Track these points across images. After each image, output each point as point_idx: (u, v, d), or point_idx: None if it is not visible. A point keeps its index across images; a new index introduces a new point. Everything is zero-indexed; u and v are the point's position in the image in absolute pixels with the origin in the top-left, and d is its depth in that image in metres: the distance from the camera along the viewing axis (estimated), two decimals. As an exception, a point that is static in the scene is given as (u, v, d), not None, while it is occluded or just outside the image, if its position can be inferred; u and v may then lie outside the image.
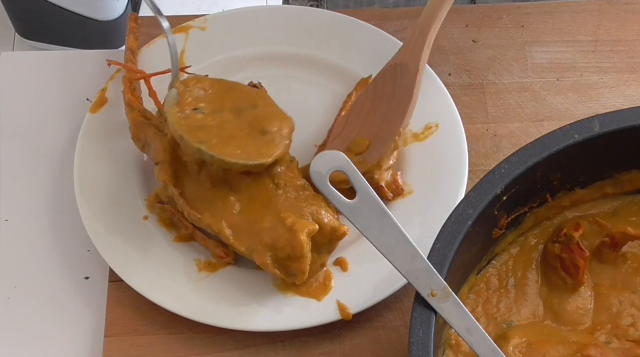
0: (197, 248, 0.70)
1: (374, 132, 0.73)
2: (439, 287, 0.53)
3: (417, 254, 0.54)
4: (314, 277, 0.68)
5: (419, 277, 0.53)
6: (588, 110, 0.80)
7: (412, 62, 0.74)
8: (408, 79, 0.73)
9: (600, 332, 0.60)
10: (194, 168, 0.68)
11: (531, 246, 0.64)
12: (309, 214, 0.65)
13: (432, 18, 0.74)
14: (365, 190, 0.55)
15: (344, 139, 0.74)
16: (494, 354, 0.53)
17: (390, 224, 0.55)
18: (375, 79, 0.76)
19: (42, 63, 0.84)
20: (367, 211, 0.55)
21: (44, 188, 0.76)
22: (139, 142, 0.72)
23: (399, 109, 0.72)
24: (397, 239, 0.54)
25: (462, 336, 0.53)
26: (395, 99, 0.73)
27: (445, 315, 0.53)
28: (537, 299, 0.62)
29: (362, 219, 0.55)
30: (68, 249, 0.74)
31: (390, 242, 0.54)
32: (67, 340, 0.70)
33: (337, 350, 0.68)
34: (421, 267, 0.53)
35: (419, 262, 0.54)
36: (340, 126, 0.75)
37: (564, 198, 0.64)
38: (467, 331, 0.53)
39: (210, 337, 0.68)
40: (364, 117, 0.74)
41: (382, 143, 0.72)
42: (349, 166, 0.55)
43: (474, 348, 0.53)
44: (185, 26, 0.80)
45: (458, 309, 0.53)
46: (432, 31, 0.74)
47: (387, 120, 0.73)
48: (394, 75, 0.75)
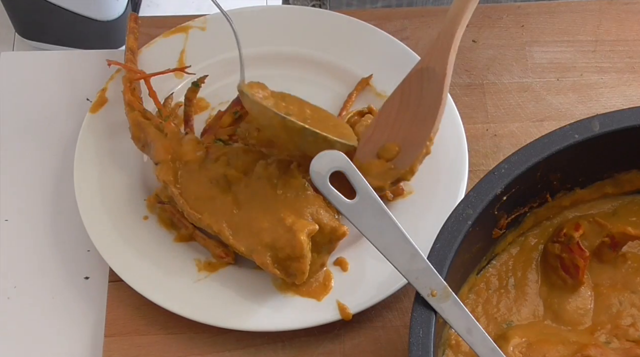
0: (197, 248, 0.70)
1: (402, 137, 0.72)
2: (439, 287, 0.53)
3: (417, 254, 0.54)
4: (314, 277, 0.68)
5: (419, 277, 0.53)
6: (588, 110, 0.80)
7: (438, 66, 0.72)
8: (435, 84, 0.72)
9: (600, 332, 0.60)
10: (194, 168, 0.68)
11: (531, 246, 0.64)
12: (309, 214, 0.65)
13: (458, 20, 0.73)
14: (365, 190, 0.55)
15: (374, 146, 0.73)
16: (493, 354, 0.53)
17: (390, 224, 0.55)
18: (402, 85, 0.74)
19: (42, 63, 0.84)
20: (367, 211, 0.55)
21: (44, 188, 0.76)
22: (139, 142, 0.72)
23: (428, 114, 0.71)
24: (397, 239, 0.54)
25: (462, 336, 0.53)
26: (423, 104, 0.72)
27: (445, 315, 0.53)
28: (537, 299, 0.62)
29: (362, 219, 0.55)
30: (68, 249, 0.74)
31: (390, 242, 0.54)
32: (67, 340, 0.70)
33: (337, 350, 0.68)
34: (421, 267, 0.54)
35: (419, 262, 0.54)
36: (369, 133, 0.74)
37: (564, 198, 0.64)
38: (467, 331, 0.53)
39: (210, 337, 0.68)
40: (392, 123, 0.73)
41: (412, 148, 0.71)
42: (348, 166, 0.55)
43: (474, 348, 0.53)
44: (185, 26, 0.80)
45: (458, 309, 0.53)
46: (458, 33, 0.73)
47: (416, 125, 0.72)
48: (420, 79, 0.73)
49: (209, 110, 0.78)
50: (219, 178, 0.67)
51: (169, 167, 0.68)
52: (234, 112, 0.74)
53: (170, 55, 0.79)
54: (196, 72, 0.76)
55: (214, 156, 0.68)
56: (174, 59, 0.79)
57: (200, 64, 0.79)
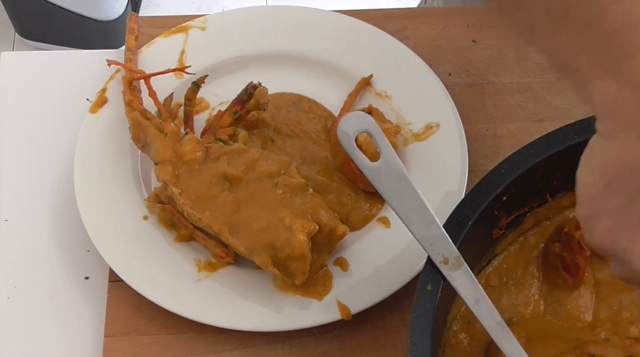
0: (197, 248, 0.70)
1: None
2: (452, 255, 0.54)
3: (433, 221, 0.55)
4: (314, 277, 0.68)
5: (433, 243, 0.54)
6: (588, 110, 0.79)
7: None
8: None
9: (601, 329, 0.60)
10: (194, 168, 0.68)
11: (531, 246, 0.64)
12: (309, 214, 0.65)
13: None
14: (389, 154, 0.56)
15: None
16: (499, 327, 0.53)
17: (410, 189, 0.56)
18: None
19: (42, 63, 0.84)
20: (389, 174, 0.56)
21: (44, 188, 0.76)
22: (139, 142, 0.72)
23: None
24: (415, 205, 0.55)
25: (470, 306, 0.53)
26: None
27: (455, 283, 0.53)
28: (537, 298, 0.62)
29: (384, 182, 0.56)
30: (68, 249, 0.74)
31: (408, 207, 0.55)
32: (67, 340, 0.70)
33: (337, 350, 0.68)
34: (436, 234, 0.54)
35: (435, 229, 0.54)
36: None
37: (564, 198, 0.64)
38: (475, 301, 0.53)
39: (210, 337, 0.68)
40: None
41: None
42: (375, 128, 0.57)
43: (480, 319, 0.53)
44: (185, 26, 0.80)
45: (468, 278, 0.54)
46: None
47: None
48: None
49: (209, 111, 0.78)
50: (219, 178, 0.67)
51: (169, 167, 0.68)
52: (234, 112, 0.74)
53: (170, 55, 0.79)
54: (196, 72, 0.76)
55: (214, 156, 0.68)
56: (174, 59, 0.79)
57: (200, 64, 0.79)
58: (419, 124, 0.75)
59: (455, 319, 0.61)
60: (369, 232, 0.71)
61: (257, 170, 0.67)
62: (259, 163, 0.68)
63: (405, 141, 0.75)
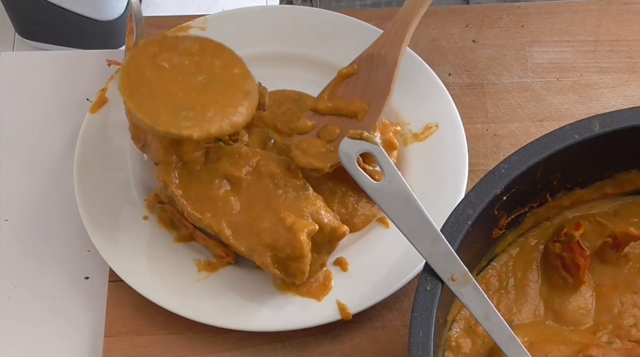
0: (197, 248, 0.70)
1: (345, 123, 0.72)
2: (459, 272, 0.53)
3: (439, 238, 0.54)
4: (314, 277, 0.68)
5: (440, 261, 0.54)
6: (588, 110, 0.80)
7: (390, 55, 0.72)
8: (385, 72, 0.71)
9: (603, 333, 0.60)
10: (195, 169, 0.68)
11: (531, 246, 0.64)
12: (309, 214, 0.65)
13: (415, 11, 0.73)
14: (392, 173, 0.56)
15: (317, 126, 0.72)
16: (510, 341, 0.53)
17: (414, 208, 0.55)
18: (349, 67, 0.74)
19: (42, 63, 0.84)
20: (392, 193, 0.56)
21: (44, 188, 0.76)
22: (139, 142, 0.72)
23: (373, 102, 0.71)
24: (420, 223, 0.55)
25: (479, 321, 0.53)
26: (369, 91, 0.72)
27: (465, 300, 0.53)
28: (537, 299, 0.62)
29: (387, 201, 0.56)
30: (68, 249, 0.74)
31: (413, 225, 0.55)
32: (67, 340, 0.70)
33: (337, 350, 0.68)
34: (443, 251, 0.54)
35: (441, 246, 0.54)
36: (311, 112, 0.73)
37: (564, 198, 0.64)
38: (485, 316, 0.53)
39: (210, 337, 0.68)
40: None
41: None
42: (377, 149, 0.56)
43: (491, 334, 0.53)
44: (185, 26, 0.80)
45: (477, 294, 0.53)
46: (413, 24, 0.73)
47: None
48: (370, 64, 0.73)
49: (209, 110, 0.78)
50: (219, 178, 0.67)
51: (169, 167, 0.68)
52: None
53: (170, 55, 0.79)
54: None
55: (214, 156, 0.68)
56: (174, 59, 0.79)
57: (200, 64, 0.78)
58: (418, 124, 0.75)
59: (456, 321, 0.61)
60: (369, 232, 0.71)
61: (258, 170, 0.67)
62: (260, 163, 0.68)
63: (405, 141, 0.75)
